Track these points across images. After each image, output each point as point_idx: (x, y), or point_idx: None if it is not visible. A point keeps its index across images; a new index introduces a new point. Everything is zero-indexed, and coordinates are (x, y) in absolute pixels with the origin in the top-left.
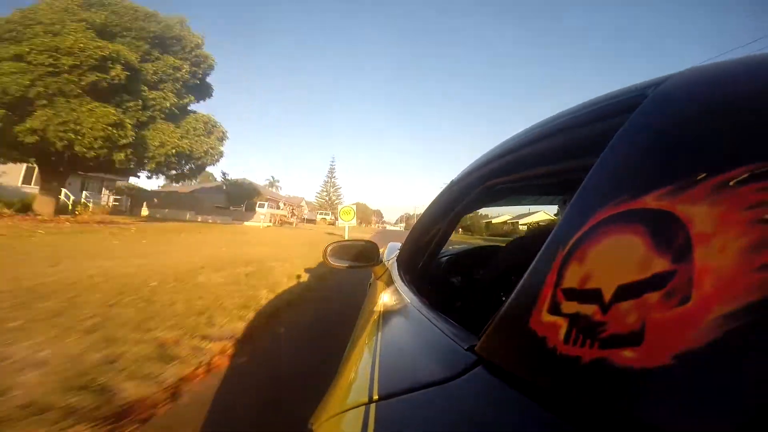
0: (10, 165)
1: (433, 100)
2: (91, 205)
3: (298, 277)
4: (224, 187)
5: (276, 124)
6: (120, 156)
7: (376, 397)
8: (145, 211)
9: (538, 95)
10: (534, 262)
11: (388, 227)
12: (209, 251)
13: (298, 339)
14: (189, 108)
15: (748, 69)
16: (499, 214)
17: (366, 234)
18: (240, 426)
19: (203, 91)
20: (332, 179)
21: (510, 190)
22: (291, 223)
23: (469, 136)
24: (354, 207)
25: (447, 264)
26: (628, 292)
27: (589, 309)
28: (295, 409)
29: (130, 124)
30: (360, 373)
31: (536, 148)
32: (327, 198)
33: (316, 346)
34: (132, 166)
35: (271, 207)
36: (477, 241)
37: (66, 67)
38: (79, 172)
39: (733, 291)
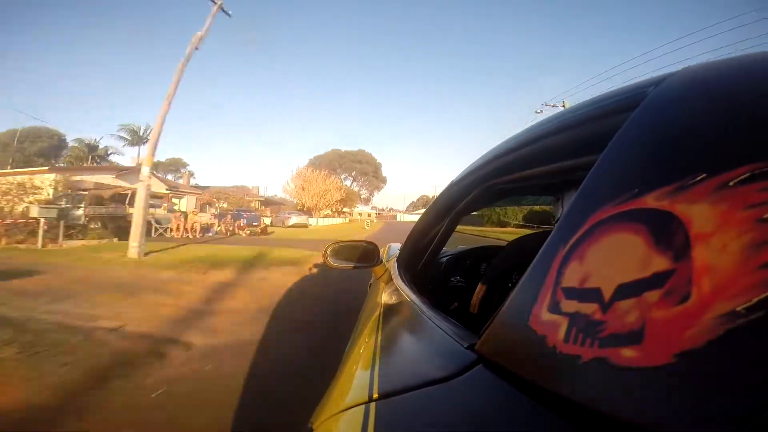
0: None
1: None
2: None
3: None
4: None
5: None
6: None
7: (376, 395)
8: None
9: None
10: (534, 261)
11: (402, 217)
12: None
13: None
14: None
15: (749, 68)
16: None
17: None
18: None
19: None
20: None
21: (510, 190)
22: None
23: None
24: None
25: (447, 264)
26: (627, 291)
27: (589, 308)
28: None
29: None
30: (360, 372)
31: (536, 147)
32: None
33: None
34: None
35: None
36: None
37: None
38: None
39: (732, 290)
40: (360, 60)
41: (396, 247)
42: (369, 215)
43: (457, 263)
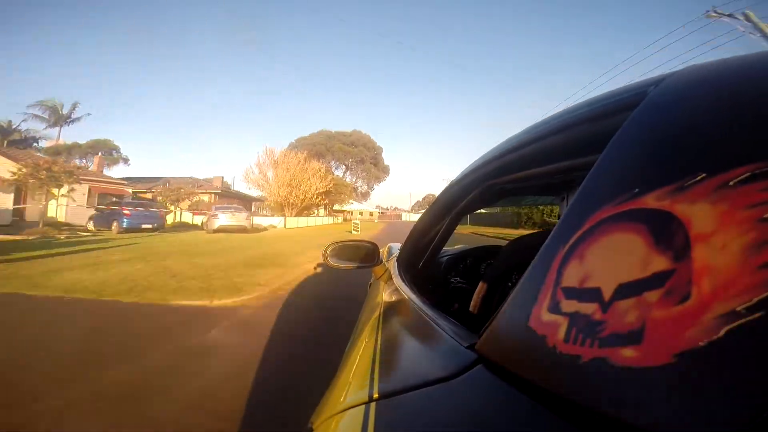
0: None
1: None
2: None
3: None
4: None
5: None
6: None
7: (376, 395)
8: None
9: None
10: (534, 261)
11: (407, 217)
12: None
13: None
14: None
15: (749, 68)
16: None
17: None
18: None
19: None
20: None
21: (510, 190)
22: None
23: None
24: None
25: (447, 263)
26: (627, 290)
27: (589, 308)
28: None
29: None
30: (360, 372)
31: (536, 147)
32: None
33: None
34: None
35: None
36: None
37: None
38: None
39: (732, 290)
40: (359, 34)
41: (396, 246)
42: (365, 214)
43: (458, 263)
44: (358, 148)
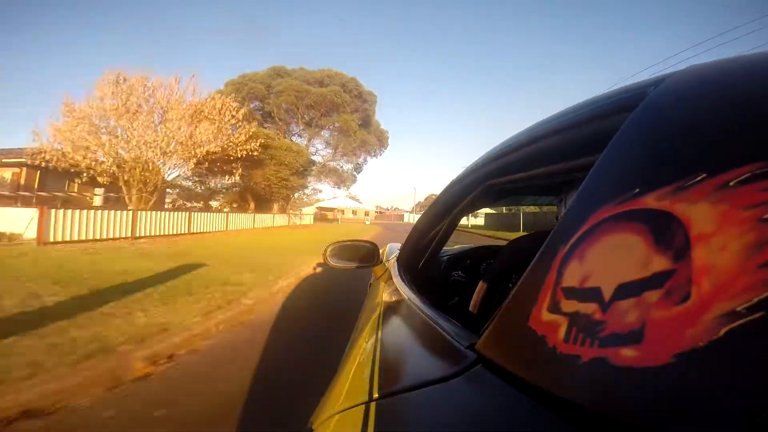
0: None
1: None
2: None
3: None
4: None
5: None
6: None
7: (376, 395)
8: None
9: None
10: (534, 261)
11: (410, 218)
12: None
13: None
14: None
15: (749, 68)
16: None
17: None
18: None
19: None
20: None
21: (510, 190)
22: None
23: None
24: None
25: (447, 263)
26: (627, 290)
27: (589, 308)
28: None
29: None
30: (360, 371)
31: (536, 147)
32: None
33: None
34: None
35: None
36: None
37: None
38: None
39: (732, 290)
40: (360, 34)
41: (396, 246)
42: (359, 213)
43: (458, 262)
44: (329, 89)
